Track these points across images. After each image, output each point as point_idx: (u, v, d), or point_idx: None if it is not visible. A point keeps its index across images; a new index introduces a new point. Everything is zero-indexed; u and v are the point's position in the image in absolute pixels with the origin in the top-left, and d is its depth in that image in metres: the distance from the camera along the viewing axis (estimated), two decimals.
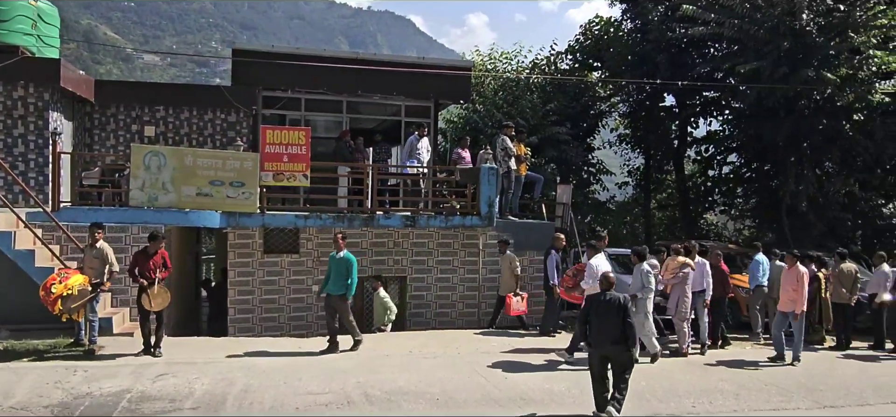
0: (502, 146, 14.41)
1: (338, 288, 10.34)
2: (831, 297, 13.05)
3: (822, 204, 19.47)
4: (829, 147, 18.97)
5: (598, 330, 7.85)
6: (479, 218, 13.52)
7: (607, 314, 7.82)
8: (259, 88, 15.16)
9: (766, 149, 20.45)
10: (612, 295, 8.02)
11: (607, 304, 7.88)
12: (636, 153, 26.65)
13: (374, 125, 17.02)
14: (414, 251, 13.78)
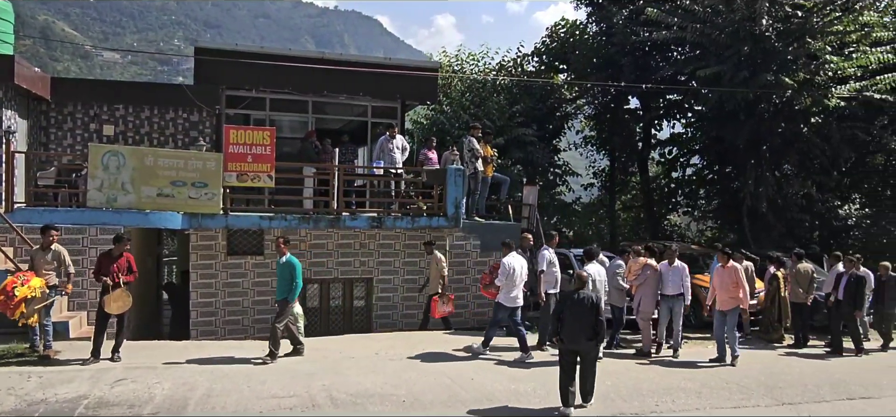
0: (469, 147, 14.43)
1: (281, 292, 10.08)
2: (789, 297, 13.35)
3: (781, 205, 19.92)
4: (787, 149, 19.41)
5: (571, 327, 8.20)
6: (446, 219, 13.51)
7: (581, 312, 8.18)
8: (223, 87, 14.94)
9: (727, 152, 20.84)
10: (584, 293, 8.35)
11: (580, 303, 8.23)
12: (601, 155, 26.94)
13: (340, 125, 16.91)
14: (380, 252, 13.71)
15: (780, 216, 20.04)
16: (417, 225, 13.60)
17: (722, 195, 22.52)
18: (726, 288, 11.13)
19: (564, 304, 8.39)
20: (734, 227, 22.01)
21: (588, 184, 27.96)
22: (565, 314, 8.29)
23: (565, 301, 8.42)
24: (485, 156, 14.77)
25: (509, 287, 10.68)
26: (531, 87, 22.92)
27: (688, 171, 24.78)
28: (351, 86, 15.50)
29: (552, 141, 24.11)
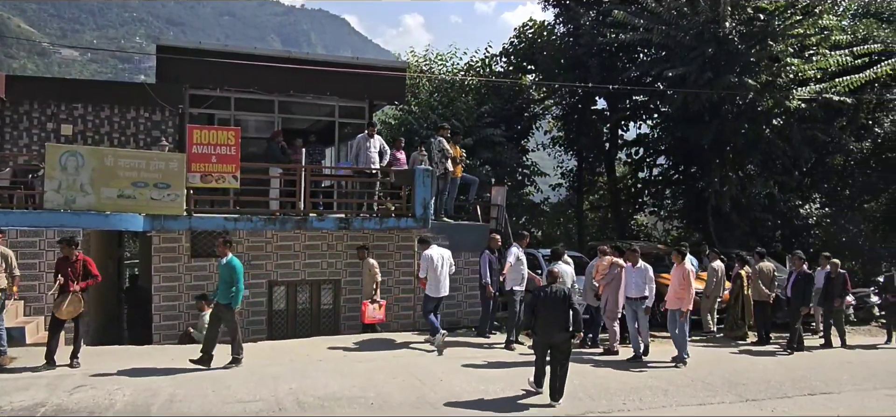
0: (438, 147, 14.42)
1: (223, 297, 9.67)
2: (752, 295, 13.61)
3: (744, 204, 20.30)
4: (750, 150, 19.78)
5: (545, 320, 8.58)
6: (414, 220, 13.48)
7: (554, 306, 8.55)
8: (186, 86, 14.70)
9: (692, 152, 21.17)
10: (556, 287, 8.73)
11: (553, 297, 8.59)
12: (569, 155, 27.15)
13: (307, 125, 16.76)
14: (348, 254, 13.64)
15: (744, 215, 20.43)
16: (386, 227, 13.54)
17: (687, 195, 22.87)
18: (674, 288, 11.23)
19: (538, 299, 8.70)
20: (699, 226, 22.37)
21: (556, 185, 28.16)
22: (539, 308, 8.62)
23: (538, 296, 8.75)
24: (453, 157, 14.78)
25: (434, 278, 11.52)
26: (499, 88, 23.00)
27: (654, 172, 25.11)
28: (318, 86, 15.37)
29: (520, 141, 24.22)
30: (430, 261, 11.55)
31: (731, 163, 20.23)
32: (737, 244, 18.93)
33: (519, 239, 12.55)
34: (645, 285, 11.38)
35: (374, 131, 14.15)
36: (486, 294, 12.42)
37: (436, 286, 11.62)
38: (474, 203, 16.58)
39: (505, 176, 22.51)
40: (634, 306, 11.36)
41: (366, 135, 14.02)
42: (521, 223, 24.12)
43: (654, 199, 25.36)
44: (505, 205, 16.74)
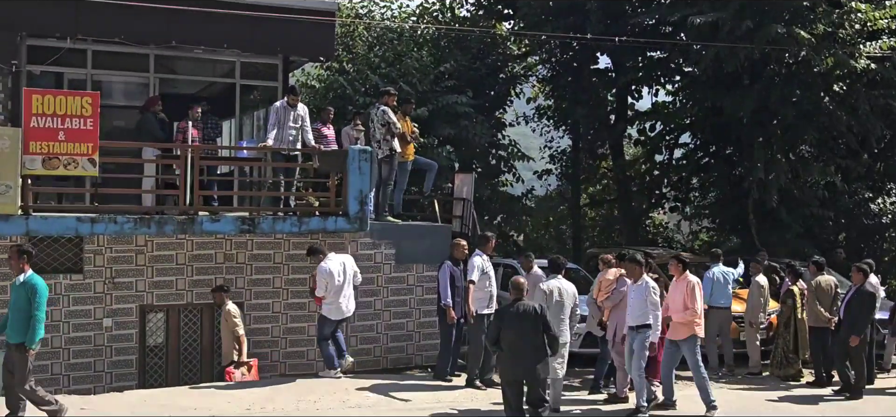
0: (381, 120, 14.31)
1: (16, 333, 9.24)
2: (808, 319, 13.76)
3: (797, 197, 20.59)
4: (804, 125, 20.09)
5: (512, 348, 8.81)
6: (347, 220, 13.38)
7: (523, 328, 8.78)
8: (22, 35, 14.33)
9: (727, 127, 21.42)
10: (525, 305, 8.94)
11: (521, 316, 8.81)
12: (561, 131, 27.31)
13: (196, 90, 16.53)
14: (254, 267, 13.51)
15: (796, 212, 20.70)
16: (307, 229, 13.41)
17: (721, 185, 23.14)
18: (678, 310, 11.14)
19: (502, 322, 8.92)
20: (737, 228, 22.64)
21: (543, 172, 28.30)
22: (504, 332, 8.83)
23: (502, 318, 8.99)
24: (402, 133, 14.69)
25: (335, 295, 12.03)
26: (465, 40, 22.97)
27: (676, 154, 25.38)
28: (211, 36, 15.09)
29: (495, 112, 24.22)
30: (329, 276, 11.95)
31: (780, 142, 20.51)
32: (787, 251, 19.19)
33: (481, 242, 12.64)
34: (647, 309, 11.07)
35: (296, 99, 13.98)
36: (446, 321, 12.37)
37: (336, 304, 12.05)
38: (431, 196, 16.47)
39: (473, 159, 22.45)
40: (631, 337, 11.19)
41: (285, 103, 13.84)
42: (496, 223, 24.14)
43: (676, 191, 25.65)
44: (473, 200, 16.68)
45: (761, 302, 14.21)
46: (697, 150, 24.25)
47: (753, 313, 14.20)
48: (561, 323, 10.76)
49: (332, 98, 20.39)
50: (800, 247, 19.99)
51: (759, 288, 14.17)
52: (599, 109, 25.31)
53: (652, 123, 25.34)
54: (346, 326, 13.75)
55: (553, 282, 11.04)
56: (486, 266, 12.21)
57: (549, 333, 8.97)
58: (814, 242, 20.62)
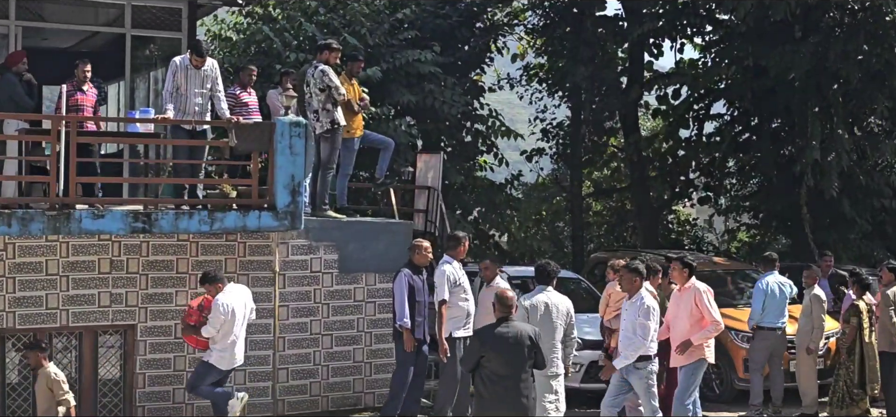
0: (320, 84, 14.20)
1: None
2: (879, 343, 13.86)
3: (864, 185, 20.70)
4: (873, 90, 20.26)
5: (495, 384, 8.81)
6: (274, 216, 13.27)
7: (511, 358, 8.83)
8: None
9: (773, 94, 21.52)
10: (513, 328, 8.97)
11: (510, 343, 8.85)
12: (557, 99, 27.31)
13: (72, 43, 16.47)
14: (150, 278, 13.41)
15: (863, 204, 20.83)
16: (221, 227, 13.23)
17: (765, 169, 23.24)
18: (683, 329, 11.31)
19: (483, 346, 8.93)
20: (787, 224, 22.76)
21: (534, 152, 28.31)
22: (486, 362, 8.84)
23: (484, 341, 8.99)
24: (348, 101, 14.60)
25: (227, 339, 11.74)
26: None
27: (707, 128, 25.50)
28: None
29: (470, 73, 24.17)
30: (227, 314, 11.70)
31: (841, 112, 20.61)
32: (851, 254, 19.31)
33: (450, 245, 12.65)
34: (636, 332, 11.01)
35: (202, 60, 13.81)
36: (404, 347, 12.35)
37: (231, 352, 11.87)
38: (386, 183, 16.40)
39: (441, 135, 22.38)
40: (629, 377, 11.25)
41: (187, 60, 13.69)
42: (471, 219, 24.09)
43: (706, 177, 25.76)
44: (441, 188, 16.63)
45: (820, 322, 14.22)
46: (734, 124, 24.38)
47: (808, 336, 14.21)
48: (552, 350, 10.76)
49: (254, 54, 20.34)
50: (867, 250, 20.15)
51: (818, 302, 14.17)
52: (607, 70, 25.37)
53: (676, 88, 25.44)
54: (273, 354, 13.72)
55: (540, 296, 11.02)
56: (458, 276, 12.20)
57: (538, 357, 9.15)
58: (886, 243, 20.77)
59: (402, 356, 12.54)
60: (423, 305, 12.31)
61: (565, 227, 27.63)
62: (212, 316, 11.72)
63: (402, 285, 12.33)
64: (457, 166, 22.39)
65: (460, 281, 12.20)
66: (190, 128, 13.73)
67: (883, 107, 20.73)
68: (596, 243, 27.47)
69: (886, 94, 20.27)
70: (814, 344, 14.19)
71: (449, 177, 20.48)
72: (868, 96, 20.35)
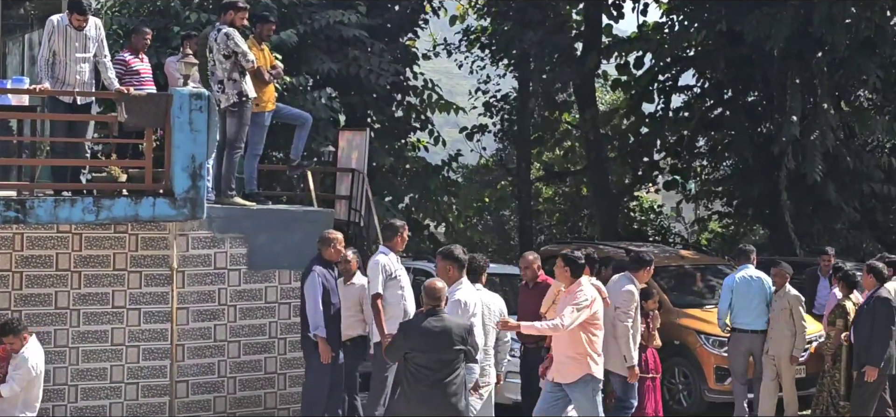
0: (225, 49, 14.14)
1: None
2: None
3: (851, 168, 20.97)
4: (863, 60, 20.52)
5: (420, 382, 9.06)
6: (171, 203, 13.19)
7: (438, 354, 9.06)
8: None
9: (749, 63, 21.74)
10: (439, 322, 9.19)
11: (437, 337, 9.08)
12: (502, 68, 27.37)
13: None
14: (25, 276, 13.29)
15: (851, 189, 21.09)
16: (109, 217, 13.10)
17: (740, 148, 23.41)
18: (561, 341, 11.19)
19: (408, 339, 9.19)
20: (764, 213, 23.00)
21: (476, 128, 28.36)
22: (411, 358, 9.06)
23: (409, 335, 9.23)
24: (258, 69, 14.55)
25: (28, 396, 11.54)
26: None
27: (675, 102, 25.71)
28: None
29: (401, 38, 24.16)
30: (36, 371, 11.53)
31: (826, 85, 20.83)
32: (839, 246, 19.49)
33: (387, 235, 12.62)
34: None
35: (84, 18, 13.66)
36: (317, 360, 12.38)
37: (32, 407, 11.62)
38: (303, 166, 16.37)
39: (368, 110, 22.35)
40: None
41: (65, 20, 13.55)
42: (403, 206, 24.10)
43: (674, 158, 25.97)
44: (367, 171, 16.63)
45: (801, 326, 14.32)
46: (705, 97, 24.61)
47: (785, 343, 14.25)
48: (485, 356, 10.88)
49: (148, 14, 20.22)
50: (855, 241, 20.41)
51: (797, 303, 14.28)
52: (560, 34, 25.46)
53: (639, 56, 25.63)
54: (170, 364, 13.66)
55: (469, 294, 11.06)
56: (394, 268, 12.15)
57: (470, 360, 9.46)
58: (876, 233, 21.06)
59: (316, 369, 12.52)
60: (336, 308, 12.32)
61: (511, 216, 27.77)
62: (18, 372, 11.43)
63: (316, 285, 12.24)
64: (386, 145, 22.40)
65: (397, 274, 12.14)
66: (71, 100, 13.56)
67: (873, 79, 20.96)
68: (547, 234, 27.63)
69: (877, 64, 20.51)
70: (798, 351, 14.31)
71: (376, 159, 20.48)
72: (856, 66, 20.56)
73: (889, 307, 13.23)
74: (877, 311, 13.19)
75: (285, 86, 17.64)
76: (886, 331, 13.20)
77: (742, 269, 14.56)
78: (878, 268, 13.47)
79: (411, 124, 24.42)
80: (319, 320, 12.14)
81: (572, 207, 29.24)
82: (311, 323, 12.24)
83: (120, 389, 13.36)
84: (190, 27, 18.55)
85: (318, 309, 12.15)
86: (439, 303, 9.35)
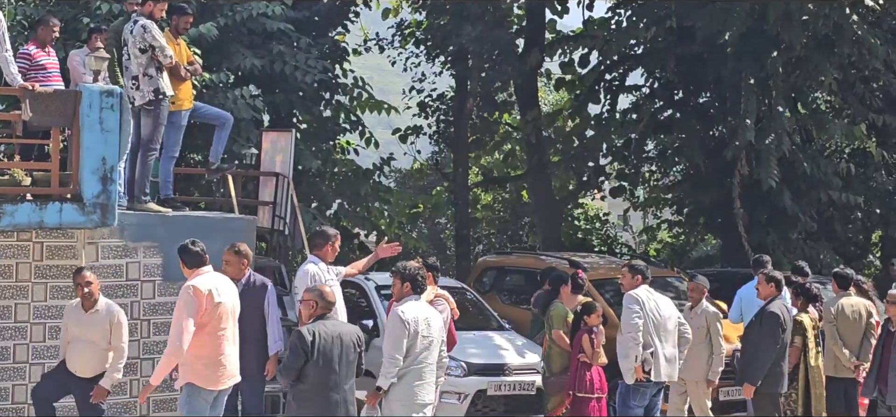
0: (141, 43, 14.02)
1: None
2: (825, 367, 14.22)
3: (808, 175, 21.17)
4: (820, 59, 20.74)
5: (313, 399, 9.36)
6: (80, 209, 13.09)
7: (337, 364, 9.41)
8: None
9: (701, 61, 21.89)
10: (339, 326, 9.67)
11: (334, 346, 9.43)
12: (438, 65, 27.41)
13: None
14: None
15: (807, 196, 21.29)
16: (11, 224, 12.97)
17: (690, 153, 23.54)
18: None
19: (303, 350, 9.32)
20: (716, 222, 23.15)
21: (410, 130, 28.37)
22: (307, 373, 9.31)
23: (305, 342, 9.35)
24: (176, 65, 14.46)
25: None
26: None
27: (622, 103, 25.83)
28: None
29: (329, 32, 24.13)
30: None
31: (781, 85, 20.99)
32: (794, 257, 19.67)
33: (317, 243, 12.61)
34: None
35: None
36: None
37: None
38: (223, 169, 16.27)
39: (293, 109, 22.30)
40: None
41: None
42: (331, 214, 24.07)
43: (621, 163, 26.08)
44: (292, 175, 16.59)
45: (718, 346, 13.82)
46: (654, 98, 24.75)
47: (703, 365, 13.80)
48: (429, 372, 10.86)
49: (54, 4, 20.16)
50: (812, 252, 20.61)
51: (714, 320, 13.83)
52: (500, 29, 25.47)
53: (584, 53, 25.73)
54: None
55: (414, 309, 11.05)
56: (324, 279, 12.00)
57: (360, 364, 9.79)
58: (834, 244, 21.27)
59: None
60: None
61: (448, 224, 27.77)
62: None
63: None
64: (313, 147, 22.35)
65: (323, 277, 12.12)
66: None
67: (831, 80, 21.21)
68: (485, 244, 27.65)
69: (835, 65, 20.74)
70: (715, 374, 13.85)
71: (303, 162, 20.44)
72: (814, 66, 20.76)
73: (776, 322, 13.41)
74: (764, 326, 13.40)
75: (204, 84, 17.58)
76: (770, 348, 13.41)
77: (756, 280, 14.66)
78: (776, 278, 13.67)
79: (340, 125, 24.38)
80: (278, 335, 12.19)
81: (513, 215, 29.31)
82: (271, 338, 12.28)
83: (23, 410, 13.22)
84: (101, 19, 18.42)
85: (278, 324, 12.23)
86: (330, 307, 9.66)
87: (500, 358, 14.99)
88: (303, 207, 17.46)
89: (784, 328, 13.48)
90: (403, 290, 11.18)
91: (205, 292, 10.57)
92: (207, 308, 10.54)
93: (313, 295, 9.96)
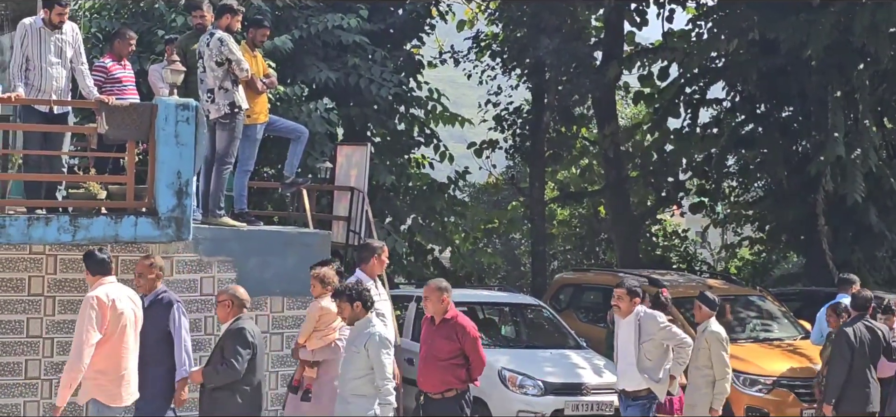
0: (217, 56, 14.09)
1: None
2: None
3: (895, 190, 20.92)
4: None
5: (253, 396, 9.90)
6: (155, 223, 13.17)
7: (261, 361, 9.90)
8: None
9: (784, 74, 21.72)
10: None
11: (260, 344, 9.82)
12: (514, 78, 27.38)
13: None
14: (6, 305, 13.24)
15: (894, 215, 21.05)
16: (86, 237, 13.06)
17: (772, 168, 23.39)
18: None
19: (253, 344, 9.96)
20: (800, 239, 22.95)
21: (485, 144, 28.35)
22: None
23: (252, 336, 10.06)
24: (252, 79, 14.55)
25: None
26: None
27: (702, 117, 25.68)
28: None
29: (404, 45, 24.18)
30: None
31: (868, 99, 20.81)
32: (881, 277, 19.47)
33: (362, 257, 12.47)
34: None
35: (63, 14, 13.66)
36: None
37: None
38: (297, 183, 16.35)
39: (368, 123, 22.37)
40: None
41: (39, 22, 13.58)
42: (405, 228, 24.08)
43: (701, 179, 25.93)
44: (366, 189, 16.65)
45: (722, 369, 13.44)
46: (736, 112, 24.59)
47: (705, 390, 13.51)
48: None
49: (129, 17, 20.17)
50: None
51: (716, 342, 13.40)
52: (578, 42, 25.45)
53: (663, 66, 25.63)
54: None
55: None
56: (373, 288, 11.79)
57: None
58: None
59: None
60: None
61: (523, 240, 27.71)
62: None
63: None
64: (387, 161, 22.39)
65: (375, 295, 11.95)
66: (46, 109, 13.56)
67: None
68: (561, 260, 27.58)
69: None
70: (718, 403, 13.52)
71: (377, 176, 20.49)
72: None
73: (845, 341, 13.45)
74: (834, 345, 13.60)
75: (279, 97, 17.68)
76: (841, 367, 13.43)
77: (841, 298, 14.67)
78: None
79: (415, 138, 24.40)
80: None
81: (589, 231, 29.20)
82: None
83: None
84: (176, 31, 18.53)
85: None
86: (242, 308, 10.47)
87: (577, 377, 14.94)
88: (377, 223, 17.52)
89: (853, 347, 13.43)
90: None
91: (108, 302, 10.54)
92: (110, 319, 10.51)
93: (228, 296, 10.59)
